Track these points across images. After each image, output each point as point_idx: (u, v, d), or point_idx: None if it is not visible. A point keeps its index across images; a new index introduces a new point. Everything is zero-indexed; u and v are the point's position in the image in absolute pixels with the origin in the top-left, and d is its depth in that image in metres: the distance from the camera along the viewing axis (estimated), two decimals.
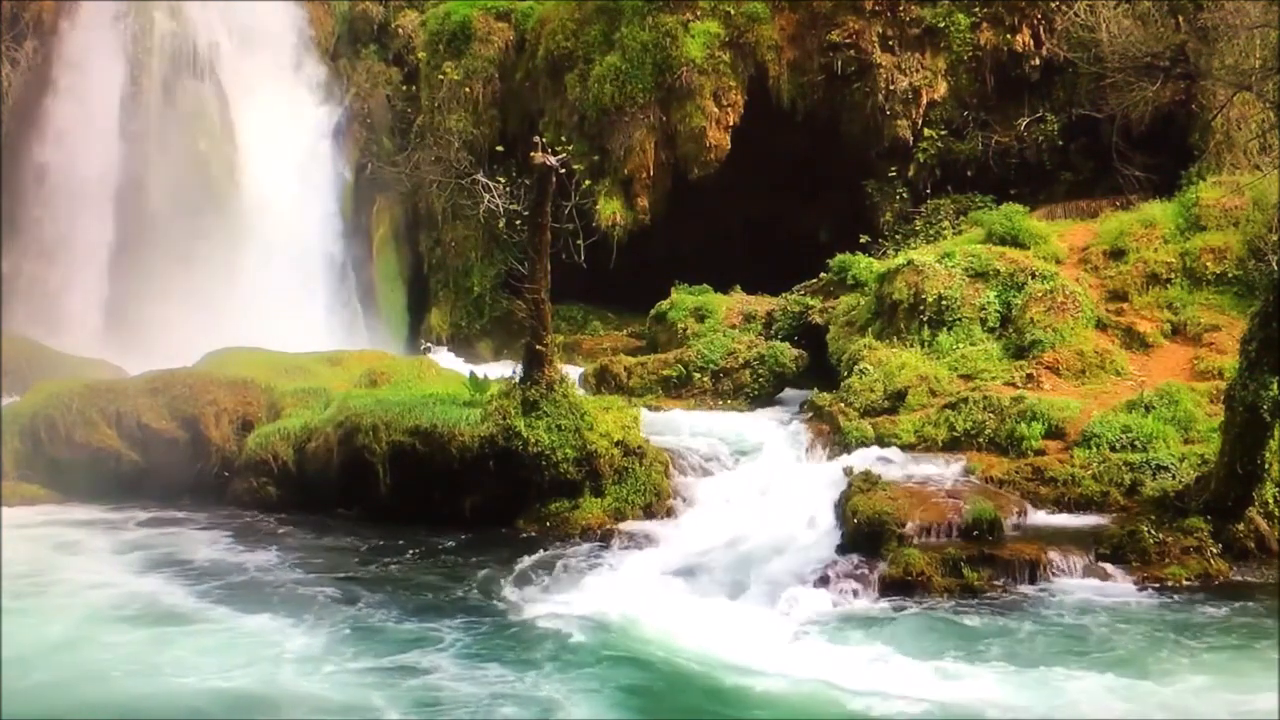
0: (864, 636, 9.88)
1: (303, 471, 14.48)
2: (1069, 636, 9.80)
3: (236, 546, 12.78)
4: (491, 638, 9.92)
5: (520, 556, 12.21)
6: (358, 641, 9.78)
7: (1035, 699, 8.53)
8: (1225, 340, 14.93)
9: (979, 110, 21.39)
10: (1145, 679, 8.83)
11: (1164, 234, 16.96)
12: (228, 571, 11.81)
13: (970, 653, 9.41)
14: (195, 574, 11.70)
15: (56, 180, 23.08)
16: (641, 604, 10.49)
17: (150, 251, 21.99)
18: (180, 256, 21.89)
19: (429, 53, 24.50)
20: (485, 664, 9.27)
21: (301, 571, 11.82)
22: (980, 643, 9.65)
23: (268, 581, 11.51)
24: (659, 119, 21.98)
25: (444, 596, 11.08)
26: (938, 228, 20.46)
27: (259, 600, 10.82)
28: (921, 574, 10.97)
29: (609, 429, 13.69)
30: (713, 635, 9.82)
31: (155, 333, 20.12)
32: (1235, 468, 11.37)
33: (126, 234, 22.39)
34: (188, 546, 12.74)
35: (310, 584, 11.36)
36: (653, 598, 10.71)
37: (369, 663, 9.31)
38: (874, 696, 8.58)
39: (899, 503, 12.14)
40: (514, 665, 9.26)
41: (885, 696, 8.57)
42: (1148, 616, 10.25)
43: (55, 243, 22.81)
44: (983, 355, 15.74)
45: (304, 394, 15.49)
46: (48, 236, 22.92)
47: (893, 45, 21.46)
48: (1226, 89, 17.07)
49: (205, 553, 12.50)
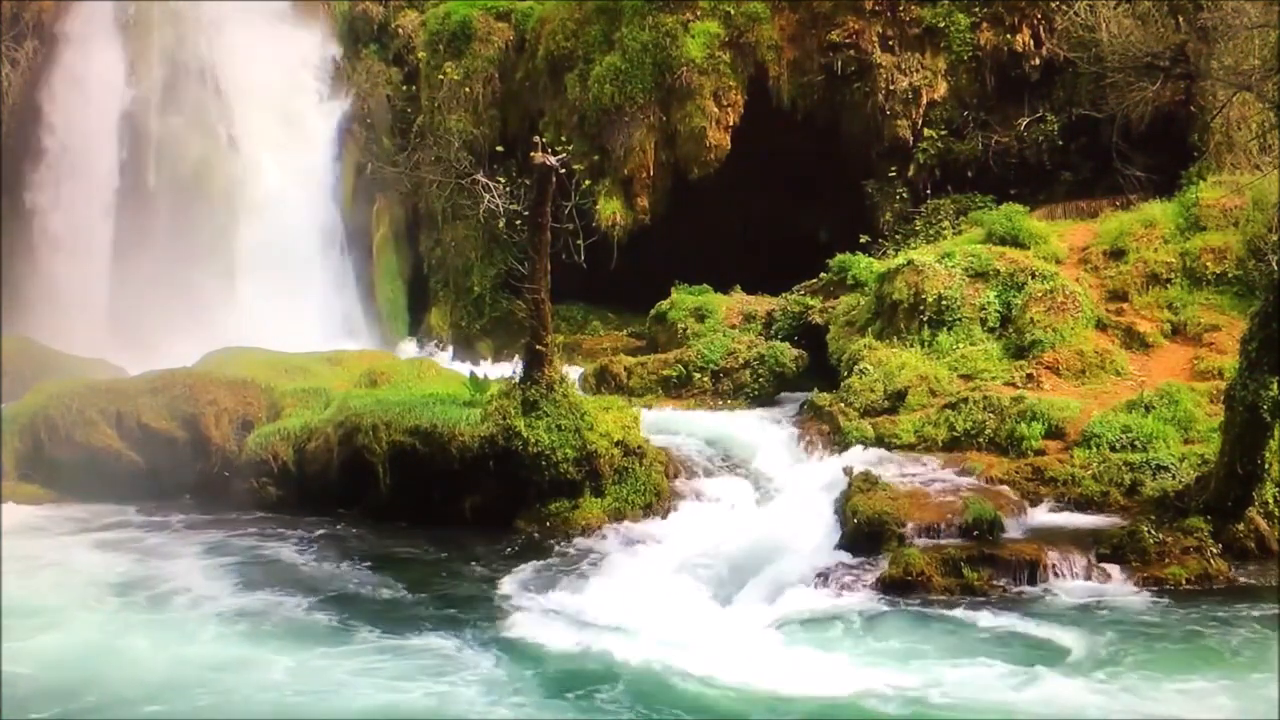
0: (864, 636, 9.88)
1: (303, 471, 14.48)
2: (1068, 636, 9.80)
3: (310, 551, 12.65)
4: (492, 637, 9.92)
5: (520, 556, 12.22)
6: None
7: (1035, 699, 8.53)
8: (1225, 340, 14.93)
9: (979, 110, 21.37)
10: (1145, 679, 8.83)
11: (1164, 234, 16.95)
12: (326, 581, 11.67)
13: (970, 653, 9.41)
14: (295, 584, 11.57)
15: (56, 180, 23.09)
16: (641, 604, 10.49)
17: (150, 251, 21.99)
18: (180, 256, 21.89)
19: (429, 53, 24.49)
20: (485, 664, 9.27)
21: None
22: (980, 643, 9.65)
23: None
24: (659, 119, 21.97)
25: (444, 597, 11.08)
26: (938, 228, 20.45)
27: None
28: (921, 574, 10.97)
29: (609, 429, 13.69)
30: (712, 635, 9.83)
31: (155, 333, 20.11)
32: (1235, 468, 11.38)
33: (126, 234, 22.39)
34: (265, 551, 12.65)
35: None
36: (653, 598, 10.71)
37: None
38: (873, 696, 8.58)
39: (899, 503, 12.15)
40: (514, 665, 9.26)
41: (884, 696, 8.58)
42: (1147, 616, 10.25)
43: (55, 243, 22.82)
44: (983, 355, 15.74)
45: (304, 394, 15.49)
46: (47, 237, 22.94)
47: (893, 45, 21.45)
48: (1226, 89, 17.05)
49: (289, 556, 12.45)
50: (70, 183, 22.92)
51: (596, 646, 9.60)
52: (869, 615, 10.43)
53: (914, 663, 9.23)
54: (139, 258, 22.01)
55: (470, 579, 11.60)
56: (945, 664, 9.18)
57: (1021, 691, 8.64)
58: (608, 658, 9.40)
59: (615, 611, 10.33)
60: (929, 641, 9.70)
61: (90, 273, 22.33)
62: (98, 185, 22.79)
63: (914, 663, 9.23)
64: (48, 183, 23.16)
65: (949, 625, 10.07)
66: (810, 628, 10.12)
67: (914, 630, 9.97)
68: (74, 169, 22.93)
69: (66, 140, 23.17)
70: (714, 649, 9.48)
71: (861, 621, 10.27)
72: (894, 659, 9.31)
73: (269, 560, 12.31)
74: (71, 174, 22.96)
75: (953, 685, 8.78)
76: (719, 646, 9.54)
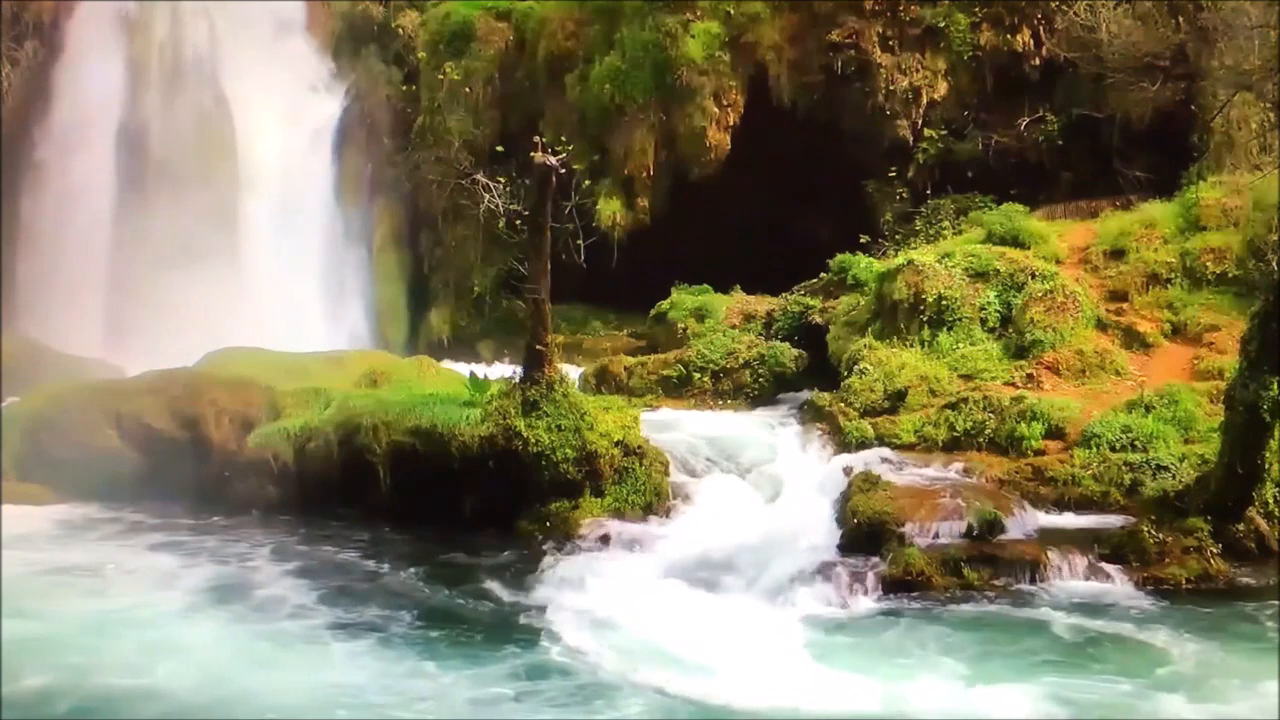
0: (863, 636, 9.88)
1: (303, 471, 14.46)
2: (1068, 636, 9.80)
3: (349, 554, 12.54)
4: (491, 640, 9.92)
5: (520, 557, 12.21)
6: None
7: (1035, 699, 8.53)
8: (1225, 340, 14.93)
9: (979, 110, 21.39)
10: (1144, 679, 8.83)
11: (1164, 234, 16.97)
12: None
13: (970, 653, 9.41)
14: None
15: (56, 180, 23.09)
16: (641, 604, 10.49)
17: (150, 252, 21.99)
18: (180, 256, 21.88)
19: (429, 53, 24.50)
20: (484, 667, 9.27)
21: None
22: (980, 642, 9.65)
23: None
24: (659, 119, 21.98)
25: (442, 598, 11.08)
26: (938, 228, 20.47)
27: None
28: (921, 574, 10.97)
29: (609, 429, 13.68)
30: (711, 635, 9.82)
31: (155, 333, 20.10)
32: (1235, 468, 11.38)
33: (126, 234, 22.39)
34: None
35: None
36: (652, 598, 10.71)
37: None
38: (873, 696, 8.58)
39: (899, 503, 12.14)
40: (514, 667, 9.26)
41: (883, 696, 8.57)
42: (1147, 617, 10.25)
43: (55, 243, 22.81)
44: (983, 355, 15.75)
45: (304, 394, 15.45)
46: (47, 237, 22.94)
47: (893, 45, 21.46)
48: (1226, 89, 17.07)
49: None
50: (70, 183, 22.92)
51: (597, 647, 9.60)
52: (869, 615, 10.44)
53: (914, 662, 9.22)
54: (138, 258, 22.01)
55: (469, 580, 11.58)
56: (945, 664, 9.17)
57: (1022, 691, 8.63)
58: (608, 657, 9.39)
59: (615, 612, 10.32)
60: (929, 641, 9.69)
61: (90, 273, 22.33)
62: (97, 185, 22.80)
63: (914, 662, 9.22)
64: (47, 183, 23.16)
65: (949, 625, 10.07)
66: (810, 627, 10.11)
67: (914, 630, 9.97)
68: (74, 169, 22.93)
69: (66, 140, 23.18)
70: (712, 649, 9.47)
71: (861, 621, 10.27)
72: (894, 658, 9.31)
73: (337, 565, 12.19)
74: (71, 174, 22.95)
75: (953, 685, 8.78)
76: (717, 646, 9.53)
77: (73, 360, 18.23)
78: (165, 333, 19.77)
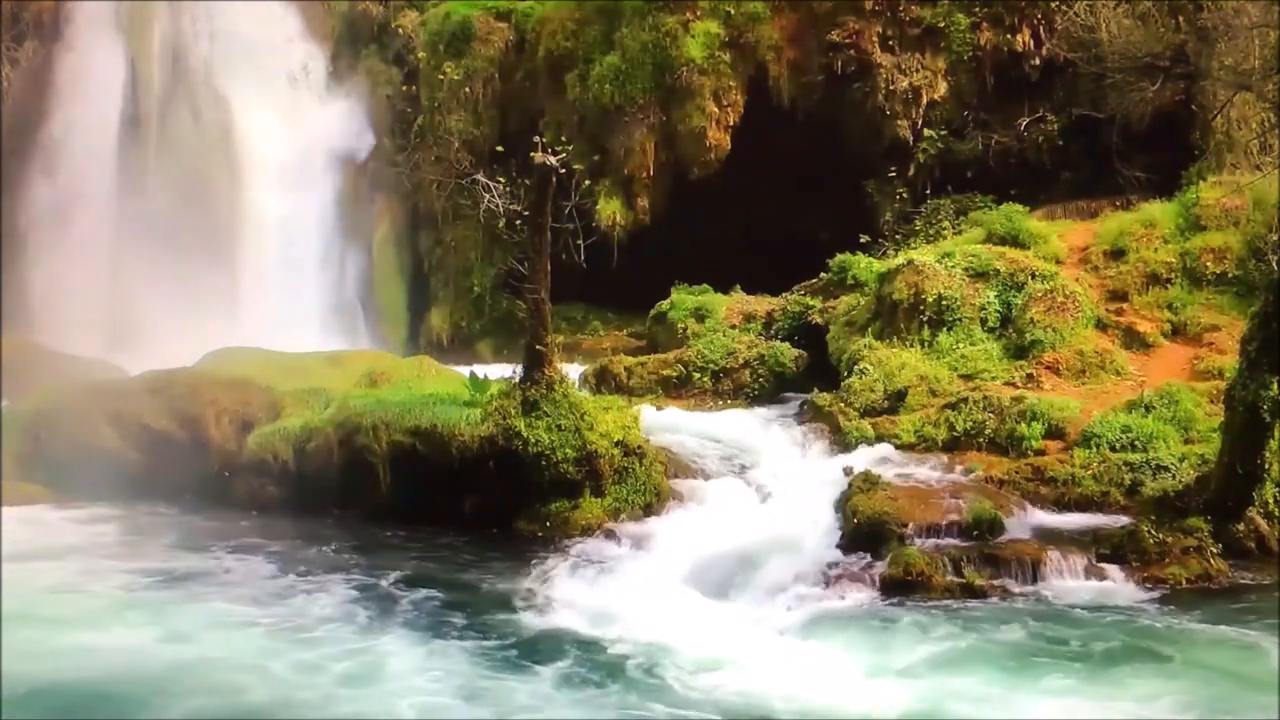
0: (863, 636, 9.87)
1: (303, 471, 14.47)
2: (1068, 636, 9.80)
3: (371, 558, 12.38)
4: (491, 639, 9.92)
5: (520, 557, 12.21)
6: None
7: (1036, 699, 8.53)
8: (1225, 340, 14.93)
9: (979, 110, 21.41)
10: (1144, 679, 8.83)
11: (1164, 234, 16.96)
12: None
13: (970, 652, 9.41)
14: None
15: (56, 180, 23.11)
16: (641, 604, 10.49)
17: (150, 252, 22.01)
18: (180, 257, 21.91)
19: (429, 53, 24.52)
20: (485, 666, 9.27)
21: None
22: (980, 642, 9.64)
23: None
24: (659, 119, 22.00)
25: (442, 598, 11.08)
26: (938, 228, 20.47)
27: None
28: (921, 574, 10.96)
29: (609, 429, 13.67)
30: (711, 635, 9.82)
31: (155, 333, 20.12)
32: (1235, 468, 11.37)
33: (126, 235, 22.41)
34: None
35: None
36: (652, 598, 10.71)
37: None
38: (871, 696, 8.58)
39: (899, 503, 12.14)
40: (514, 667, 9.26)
41: (882, 696, 8.57)
42: (1147, 617, 10.25)
43: (55, 243, 22.83)
44: (983, 355, 15.75)
45: (304, 394, 15.48)
46: (48, 237, 22.95)
47: (893, 45, 21.48)
48: (1226, 89, 17.08)
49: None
50: (70, 183, 22.94)
51: (597, 647, 9.60)
52: (869, 615, 10.42)
53: (914, 662, 9.22)
54: (139, 258, 22.03)
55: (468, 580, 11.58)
56: (945, 663, 9.17)
57: (1022, 691, 8.63)
58: (609, 657, 9.39)
59: (615, 611, 10.32)
60: (929, 641, 9.68)
61: (90, 273, 22.35)
62: (98, 186, 22.82)
63: (914, 662, 9.22)
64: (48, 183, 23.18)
65: (949, 625, 10.05)
66: (810, 627, 10.11)
67: (914, 630, 9.96)
68: (74, 169, 22.95)
69: (66, 140, 23.19)
70: (714, 649, 9.47)
71: (861, 621, 10.26)
72: (894, 659, 9.31)
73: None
74: (71, 174, 22.97)
75: (953, 685, 8.77)
76: (719, 646, 9.54)
77: (73, 360, 18.24)
78: (165, 333, 19.80)
